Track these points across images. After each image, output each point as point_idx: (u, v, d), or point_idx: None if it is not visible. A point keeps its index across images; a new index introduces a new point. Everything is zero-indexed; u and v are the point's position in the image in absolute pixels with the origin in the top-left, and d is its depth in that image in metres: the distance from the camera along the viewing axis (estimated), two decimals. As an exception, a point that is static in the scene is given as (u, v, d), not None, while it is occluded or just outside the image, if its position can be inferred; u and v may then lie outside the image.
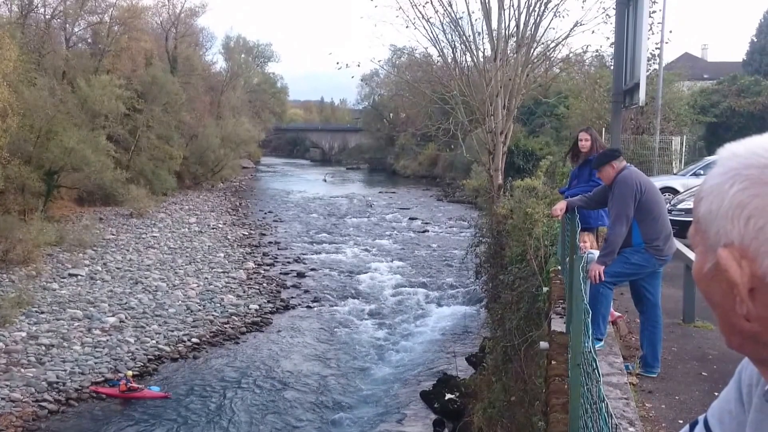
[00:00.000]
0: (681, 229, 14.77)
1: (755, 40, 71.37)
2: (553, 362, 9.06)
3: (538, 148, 47.62)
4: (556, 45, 32.18)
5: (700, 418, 1.77)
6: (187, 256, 44.07)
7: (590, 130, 11.74)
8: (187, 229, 53.07)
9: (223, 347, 29.98)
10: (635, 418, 6.62)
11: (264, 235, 55.67)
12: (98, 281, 36.56)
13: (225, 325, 32.20)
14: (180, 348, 29.24)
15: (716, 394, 1.77)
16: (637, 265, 8.62)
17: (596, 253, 9.13)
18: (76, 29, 66.17)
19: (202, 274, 39.93)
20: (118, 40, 65.47)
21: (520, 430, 12.38)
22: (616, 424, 3.44)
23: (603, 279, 8.46)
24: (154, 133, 66.32)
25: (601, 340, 8.48)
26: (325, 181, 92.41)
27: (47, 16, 61.32)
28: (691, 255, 11.10)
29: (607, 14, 28.39)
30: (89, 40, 68.91)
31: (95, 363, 26.72)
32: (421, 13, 31.37)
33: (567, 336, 9.20)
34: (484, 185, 33.87)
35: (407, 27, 32.66)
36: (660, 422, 7.30)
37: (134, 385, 24.39)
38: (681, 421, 7.26)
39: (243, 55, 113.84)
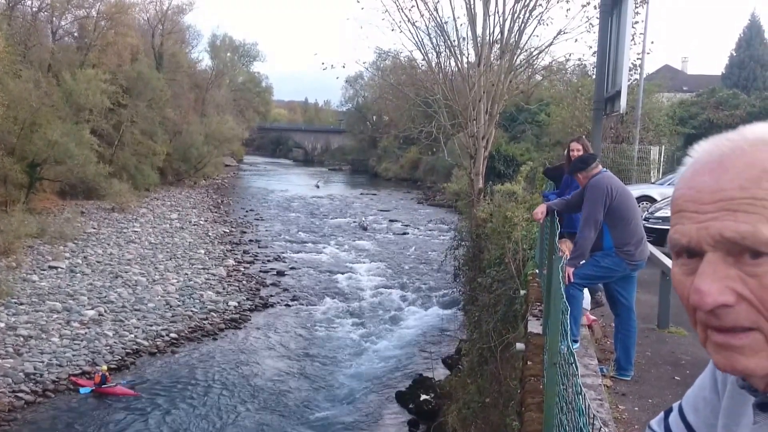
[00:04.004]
0: (658, 237, 14.96)
1: (734, 54, 71.78)
2: (529, 363, 9.10)
3: (519, 153, 47.66)
4: (539, 52, 32.34)
5: (675, 405, 1.81)
6: (167, 252, 44.03)
7: (582, 139, 11.79)
8: (168, 225, 53.03)
9: (201, 343, 30.02)
10: (609, 419, 6.66)
11: (245, 232, 55.71)
12: (78, 274, 36.51)
13: (204, 321, 32.25)
14: (158, 343, 29.27)
15: (682, 398, 1.84)
16: (606, 268, 8.67)
17: None
18: (62, 23, 65.99)
19: (182, 270, 39.93)
20: (105, 34, 65.34)
21: (493, 430, 12.50)
22: (594, 415, 3.52)
23: (572, 281, 8.57)
24: (138, 129, 66.18)
25: (575, 341, 8.56)
26: (317, 186, 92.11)
27: (34, 9, 61.12)
28: (667, 261, 11.27)
29: (590, 23, 28.63)
30: (75, 34, 68.63)
31: (73, 355, 26.73)
32: (407, 16, 31.49)
33: (543, 337, 9.31)
34: (465, 189, 34.07)
35: (393, 30, 32.78)
36: (633, 424, 7.38)
37: (109, 378, 24.47)
38: (648, 425, 7.35)
39: (229, 54, 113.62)
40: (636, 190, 18.86)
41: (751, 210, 1.28)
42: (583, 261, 8.77)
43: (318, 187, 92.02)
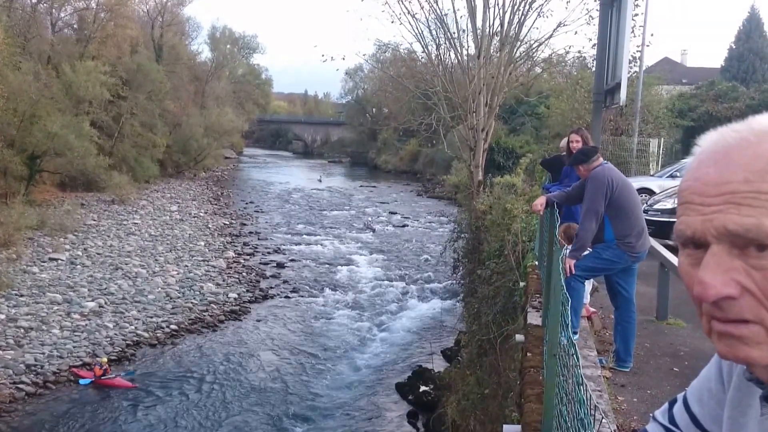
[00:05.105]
0: (657, 229, 14.98)
1: (734, 46, 71.56)
2: (528, 354, 9.10)
3: (519, 146, 47.60)
4: (539, 45, 32.34)
5: (679, 396, 1.82)
6: (167, 244, 44.03)
7: (581, 131, 11.78)
8: (168, 217, 53.01)
9: (201, 335, 30.05)
10: (608, 410, 6.66)
11: (245, 225, 55.74)
12: (78, 266, 36.50)
13: (204, 313, 32.30)
14: (158, 334, 29.32)
15: (687, 389, 1.84)
16: (608, 260, 8.67)
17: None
18: (62, 14, 65.92)
19: (182, 262, 39.95)
20: (104, 26, 65.28)
21: (492, 421, 12.53)
22: (596, 405, 3.52)
23: (574, 272, 8.59)
24: (137, 121, 66.10)
25: (575, 333, 8.57)
26: (319, 180, 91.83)
27: (34, 1, 60.94)
28: (666, 253, 11.30)
29: (590, 15, 28.64)
30: (75, 26, 68.51)
31: (73, 347, 26.75)
32: (407, 8, 31.50)
33: (543, 329, 9.33)
34: (464, 181, 34.03)
35: (393, 22, 32.73)
36: (632, 415, 7.40)
37: (109, 370, 24.54)
38: (652, 415, 7.37)
39: (228, 46, 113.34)
40: (635, 182, 18.88)
41: (755, 203, 1.28)
42: (585, 253, 8.79)
43: (320, 180, 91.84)
